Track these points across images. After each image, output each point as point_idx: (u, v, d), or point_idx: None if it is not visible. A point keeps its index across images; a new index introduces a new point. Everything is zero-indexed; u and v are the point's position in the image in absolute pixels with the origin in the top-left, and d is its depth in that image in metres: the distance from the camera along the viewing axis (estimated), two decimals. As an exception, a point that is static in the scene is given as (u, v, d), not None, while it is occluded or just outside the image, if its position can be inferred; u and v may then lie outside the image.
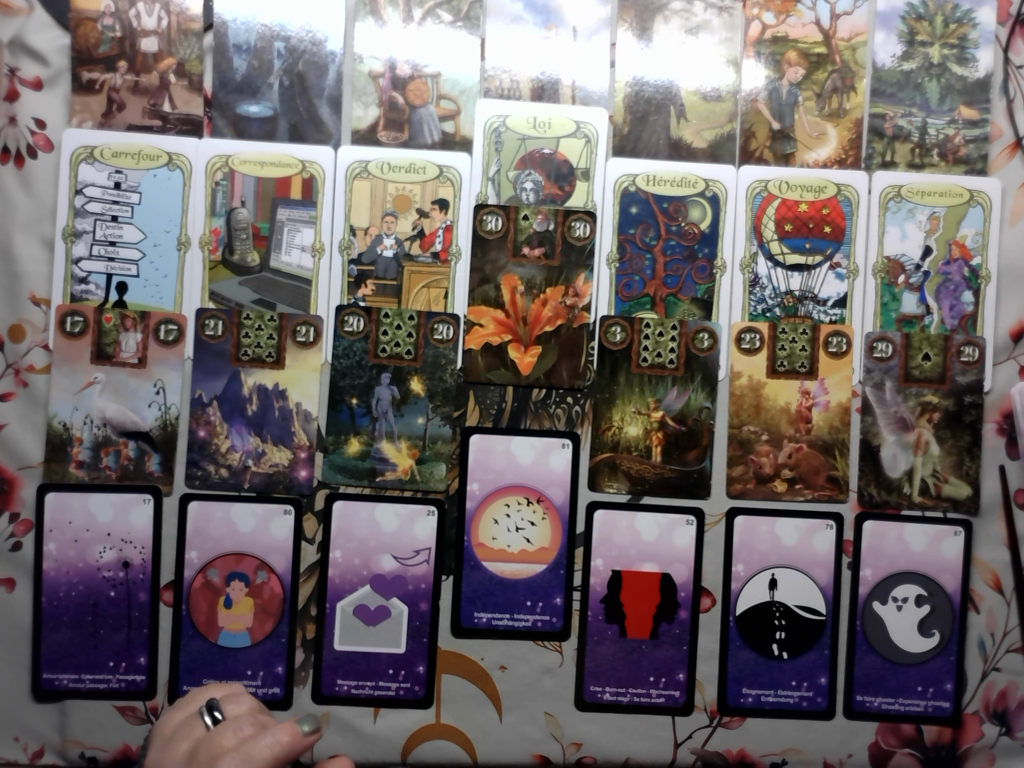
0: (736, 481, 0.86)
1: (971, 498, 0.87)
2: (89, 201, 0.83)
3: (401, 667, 0.84)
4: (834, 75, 0.87)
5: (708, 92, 0.87)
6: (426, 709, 0.85)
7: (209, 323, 0.84)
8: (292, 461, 0.84)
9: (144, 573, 0.83)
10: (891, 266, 0.87)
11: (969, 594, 0.87)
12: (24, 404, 0.83)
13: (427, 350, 0.85)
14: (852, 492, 0.86)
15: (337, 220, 0.85)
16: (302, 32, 0.85)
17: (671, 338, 0.86)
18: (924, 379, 0.86)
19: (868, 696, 0.86)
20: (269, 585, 0.84)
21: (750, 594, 0.86)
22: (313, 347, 0.84)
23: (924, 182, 0.87)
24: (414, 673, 0.84)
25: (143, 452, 0.83)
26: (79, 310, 0.83)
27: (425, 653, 0.84)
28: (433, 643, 0.84)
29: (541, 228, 0.85)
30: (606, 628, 0.85)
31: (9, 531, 0.83)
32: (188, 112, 0.84)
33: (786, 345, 0.86)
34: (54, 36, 0.83)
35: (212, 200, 0.84)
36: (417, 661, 0.84)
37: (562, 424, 0.86)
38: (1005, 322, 0.87)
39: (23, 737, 0.83)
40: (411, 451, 0.84)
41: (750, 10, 0.87)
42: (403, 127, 0.85)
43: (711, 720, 0.86)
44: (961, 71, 0.87)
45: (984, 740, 0.87)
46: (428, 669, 0.84)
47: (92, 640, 0.83)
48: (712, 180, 0.86)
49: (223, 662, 0.83)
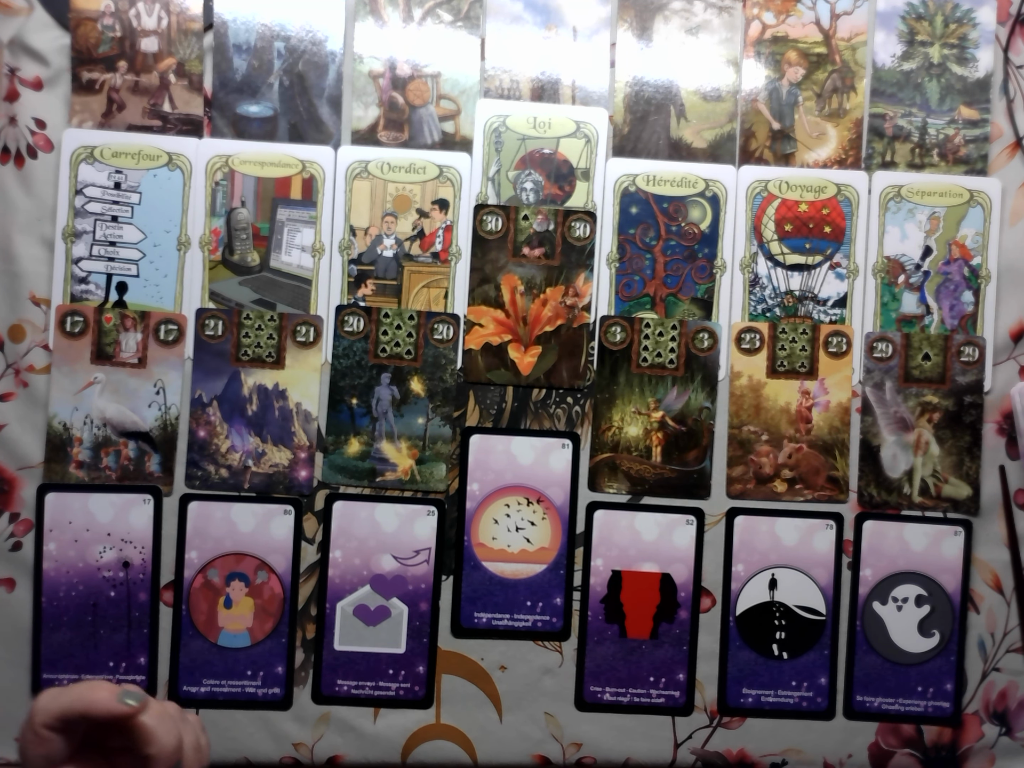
0: (736, 481, 0.86)
1: (971, 498, 0.87)
2: (89, 201, 0.83)
3: (401, 667, 0.84)
4: (834, 75, 0.87)
5: (708, 92, 0.87)
6: (426, 709, 0.85)
7: (209, 323, 0.84)
8: (292, 461, 0.84)
9: (144, 573, 0.83)
10: (891, 266, 0.87)
11: (969, 594, 0.87)
12: (24, 404, 0.83)
13: (427, 350, 0.85)
14: (852, 492, 0.86)
15: (337, 220, 0.85)
16: (302, 32, 0.85)
17: (671, 338, 0.86)
18: (924, 379, 0.86)
19: (868, 696, 0.86)
20: (269, 585, 0.84)
21: (750, 594, 0.86)
22: (313, 347, 0.84)
23: (924, 182, 0.87)
24: (414, 673, 0.84)
25: (143, 452, 0.83)
26: (79, 310, 0.83)
27: (425, 653, 0.84)
28: (433, 643, 0.84)
29: (541, 228, 0.85)
30: (606, 628, 0.85)
31: (9, 531, 0.83)
32: (188, 112, 0.84)
33: (786, 345, 0.86)
34: (54, 36, 0.83)
35: (212, 200, 0.84)
36: (417, 661, 0.84)
37: (562, 424, 0.86)
38: (1005, 322, 0.87)
39: (23, 737, 0.83)
40: (411, 451, 0.84)
41: (750, 10, 0.87)
42: (403, 127, 0.85)
43: (711, 720, 0.86)
44: (961, 71, 0.87)
45: (984, 740, 0.87)
46: (428, 669, 0.84)
47: (92, 640, 0.83)
48: (712, 180, 0.86)
49: (223, 662, 0.83)
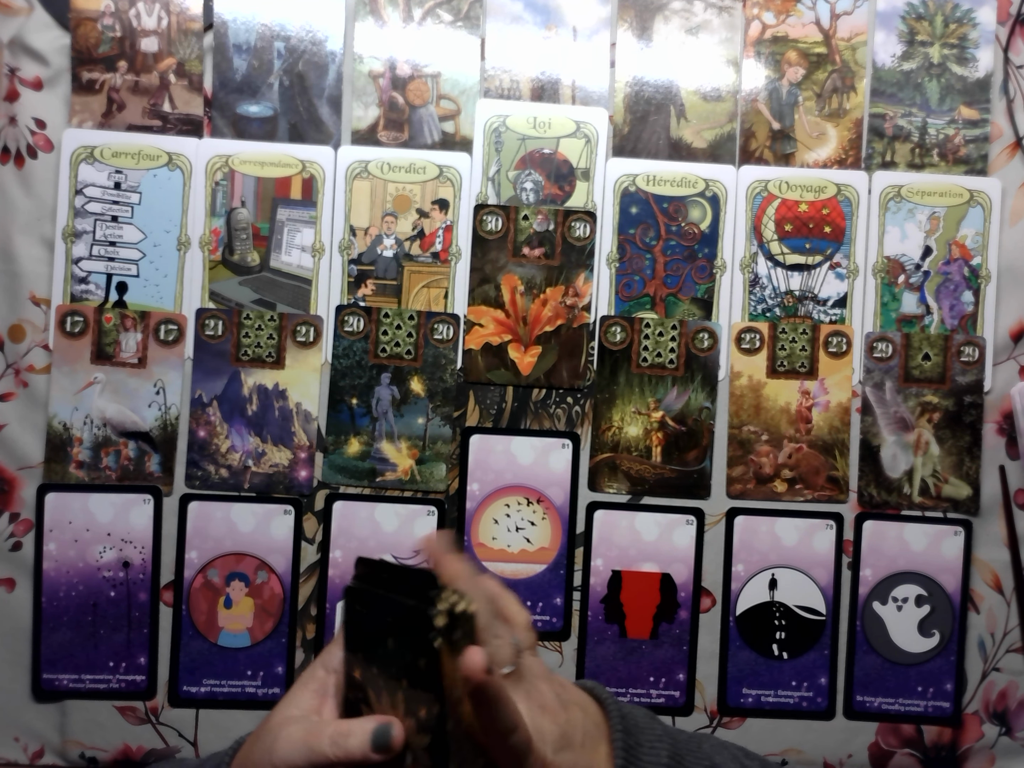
0: (736, 481, 0.86)
1: (971, 498, 0.87)
2: (89, 201, 0.83)
3: (401, 667, 0.84)
4: (834, 75, 0.87)
5: (708, 92, 0.87)
6: (426, 709, 0.85)
7: (209, 323, 0.84)
8: (292, 461, 0.84)
9: (144, 573, 0.83)
10: (891, 266, 0.87)
11: (969, 594, 0.87)
12: (24, 404, 0.83)
13: (427, 350, 0.85)
14: (852, 492, 0.86)
15: (337, 220, 0.85)
16: (302, 32, 0.85)
17: (671, 338, 0.86)
18: (924, 379, 0.86)
19: (868, 696, 0.86)
20: (269, 585, 0.84)
21: (750, 594, 0.86)
22: (313, 347, 0.84)
23: (924, 182, 0.87)
24: (414, 673, 0.84)
25: (143, 452, 0.83)
26: (79, 310, 0.83)
27: (425, 653, 0.84)
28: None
29: (541, 228, 0.85)
30: (606, 628, 0.85)
31: (9, 531, 0.83)
32: (188, 112, 0.84)
33: (786, 345, 0.86)
34: (54, 36, 0.83)
35: (212, 200, 0.84)
36: (417, 661, 0.84)
37: (562, 424, 0.86)
38: (1005, 322, 0.87)
39: (23, 737, 0.83)
40: (411, 451, 0.84)
41: (750, 10, 0.87)
42: (403, 127, 0.85)
43: (711, 720, 0.86)
44: (961, 71, 0.87)
45: (984, 740, 0.87)
46: (428, 669, 0.84)
47: (92, 640, 0.83)
48: (712, 180, 0.86)
49: (223, 662, 0.83)
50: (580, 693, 0.48)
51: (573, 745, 0.44)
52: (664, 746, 0.47)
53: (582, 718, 0.46)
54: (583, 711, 0.46)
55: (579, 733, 0.45)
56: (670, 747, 0.47)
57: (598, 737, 0.46)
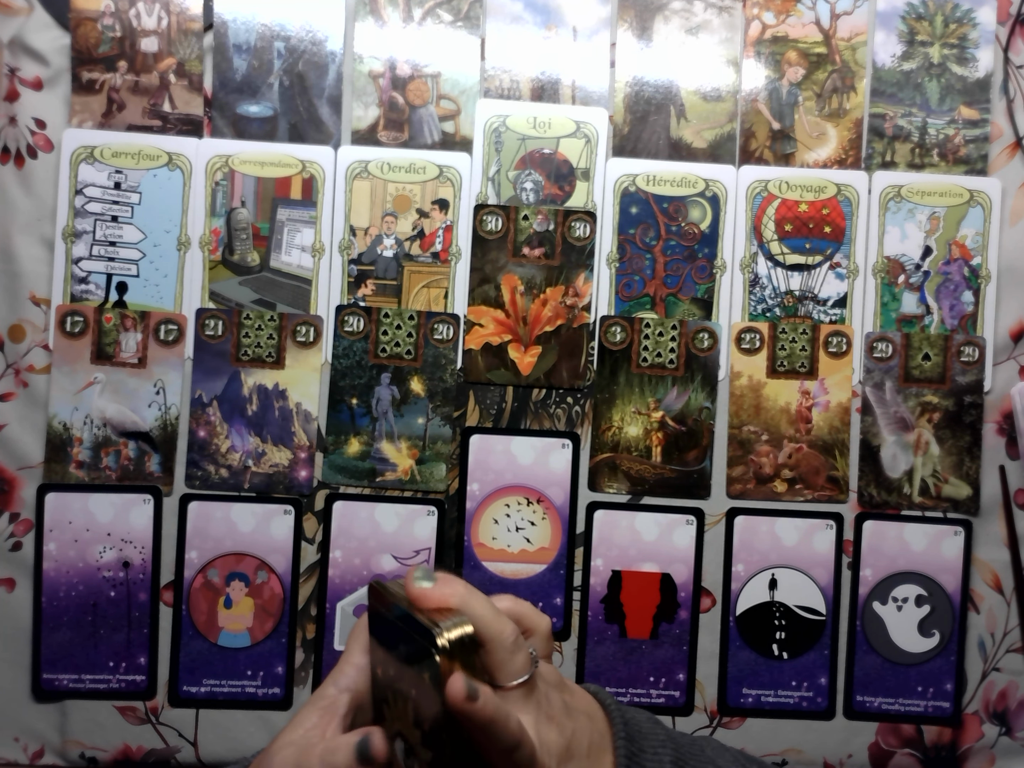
0: (736, 481, 0.86)
1: (971, 498, 0.87)
2: (89, 201, 0.83)
3: (401, 667, 0.84)
4: (834, 75, 0.87)
5: (708, 92, 0.87)
6: (426, 709, 0.85)
7: (209, 323, 0.84)
8: (292, 461, 0.84)
9: (144, 573, 0.83)
10: (891, 266, 0.87)
11: (969, 594, 0.87)
12: (24, 404, 0.83)
13: (427, 350, 0.85)
14: (852, 492, 0.86)
15: (337, 220, 0.85)
16: (302, 32, 0.85)
17: (671, 338, 0.86)
18: (924, 379, 0.86)
19: (868, 696, 0.86)
20: (269, 585, 0.84)
21: (750, 594, 0.86)
22: (313, 347, 0.84)
23: (924, 182, 0.87)
24: (414, 673, 0.84)
25: (143, 452, 0.83)
26: (79, 310, 0.83)
27: (425, 653, 0.84)
28: (433, 643, 0.84)
29: (541, 228, 0.85)
30: (606, 628, 0.85)
31: (9, 531, 0.83)
32: (188, 112, 0.84)
33: (786, 345, 0.86)
34: (54, 36, 0.83)
35: (212, 200, 0.84)
36: (417, 661, 0.84)
37: (562, 424, 0.86)
38: (1005, 322, 0.87)
39: (23, 737, 0.83)
40: (411, 451, 0.84)
41: (750, 10, 0.87)
42: (403, 127, 0.85)
43: (711, 720, 0.86)
44: (961, 71, 0.87)
45: (984, 740, 0.87)
46: (428, 669, 0.84)
47: (92, 640, 0.83)
48: (712, 180, 0.86)
49: (223, 662, 0.83)
50: (588, 700, 0.48)
51: (577, 755, 0.44)
52: (667, 752, 0.47)
53: (588, 727, 0.46)
54: (589, 719, 0.46)
55: (584, 743, 0.45)
56: (673, 752, 0.47)
57: (603, 746, 0.46)
